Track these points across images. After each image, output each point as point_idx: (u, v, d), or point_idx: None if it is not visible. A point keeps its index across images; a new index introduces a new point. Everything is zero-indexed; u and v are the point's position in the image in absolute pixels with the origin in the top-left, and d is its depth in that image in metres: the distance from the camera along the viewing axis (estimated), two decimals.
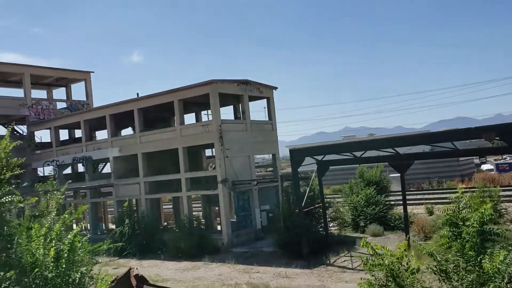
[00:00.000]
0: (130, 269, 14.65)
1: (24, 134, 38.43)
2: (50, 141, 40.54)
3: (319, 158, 23.65)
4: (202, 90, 27.16)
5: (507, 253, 8.30)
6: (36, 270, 8.45)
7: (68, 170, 38.11)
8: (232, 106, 33.01)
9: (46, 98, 40.99)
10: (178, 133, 28.50)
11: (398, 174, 43.34)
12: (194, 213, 30.38)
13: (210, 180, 29.70)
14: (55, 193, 10.93)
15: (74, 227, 10.27)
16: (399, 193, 37.49)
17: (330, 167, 24.74)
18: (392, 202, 30.11)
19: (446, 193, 39.56)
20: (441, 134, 18.71)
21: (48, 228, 9.15)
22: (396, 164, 21.88)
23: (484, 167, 62.13)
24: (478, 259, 8.62)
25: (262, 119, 31.11)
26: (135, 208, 32.83)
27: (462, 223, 9.48)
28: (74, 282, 8.65)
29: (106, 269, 20.03)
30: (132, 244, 26.83)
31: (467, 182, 47.20)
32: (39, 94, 41.69)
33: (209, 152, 36.63)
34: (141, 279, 14.46)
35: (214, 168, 35.98)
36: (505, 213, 26.86)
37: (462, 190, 10.28)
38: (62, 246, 8.93)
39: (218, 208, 34.42)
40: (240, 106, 32.86)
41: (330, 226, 26.33)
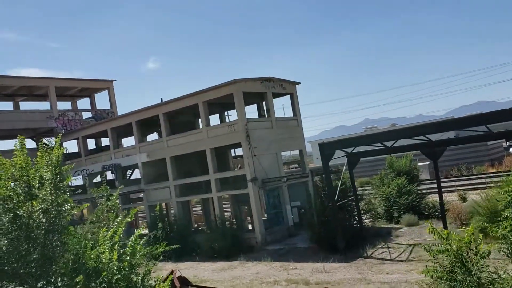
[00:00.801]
0: (172, 271, 14.74)
1: (52, 145, 39.09)
2: (77, 151, 41.21)
3: (349, 150, 23.48)
4: (226, 90, 27.19)
5: None
6: (104, 273, 8.56)
7: (97, 179, 38.61)
8: (255, 105, 33.03)
9: (71, 109, 41.60)
10: (205, 134, 28.60)
11: (425, 163, 42.92)
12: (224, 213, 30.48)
13: (238, 179, 29.74)
14: (111, 198, 11.05)
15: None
16: (429, 181, 37.16)
17: None
18: (423, 191, 29.69)
19: (477, 178, 38.86)
20: (475, 118, 18.33)
21: (113, 232, 9.29)
22: (428, 151, 21.53)
23: None
24: None
25: (286, 116, 31.00)
26: (165, 212, 33.06)
27: None
28: (137, 285, 8.73)
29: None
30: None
31: (498, 166, 46.25)
32: (64, 105, 42.36)
33: (238, 151, 36.73)
34: (184, 281, 14.56)
35: (241, 167, 36.09)
36: None
37: None
38: (126, 249, 9.06)
39: (247, 207, 34.53)
40: (263, 104, 32.87)
41: (363, 218, 26.09)
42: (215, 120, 35.99)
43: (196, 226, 37.79)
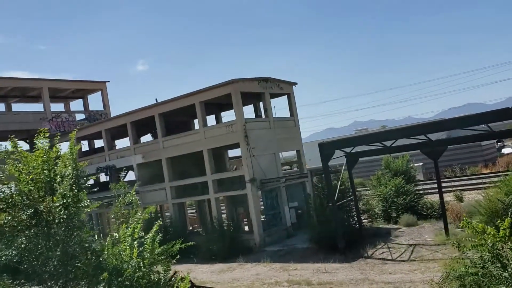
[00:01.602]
0: (175, 272, 14.47)
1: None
2: None
3: (348, 150, 23.39)
4: (224, 90, 27.00)
5: None
6: (128, 270, 8.34)
7: (90, 181, 38.07)
8: (252, 106, 32.85)
9: (64, 110, 41.12)
10: (202, 135, 28.36)
11: (419, 164, 42.97)
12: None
13: (235, 181, 29.52)
14: (128, 194, 10.81)
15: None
16: (424, 182, 37.23)
17: None
18: (420, 192, 29.70)
19: (472, 179, 39.00)
20: (476, 117, 18.31)
21: (133, 228, 9.08)
22: (428, 151, 21.50)
23: (504, 151, 61.22)
24: None
25: (283, 116, 30.87)
26: (159, 214, 32.70)
27: None
28: (159, 282, 8.52)
29: None
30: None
31: (491, 167, 46.53)
32: (57, 107, 41.85)
33: (231, 153, 36.52)
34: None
35: (236, 169, 35.87)
36: None
37: None
38: (145, 246, 8.85)
39: (243, 208, 34.29)
40: (259, 104, 32.72)
41: (362, 218, 26.02)
42: (211, 121, 35.77)
43: (190, 228, 37.45)
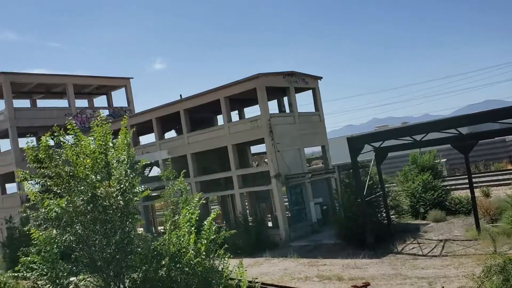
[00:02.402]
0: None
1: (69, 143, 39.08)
2: None
3: (376, 145, 23.10)
4: (249, 85, 26.89)
5: None
6: (188, 255, 8.33)
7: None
8: (275, 101, 32.72)
9: (88, 106, 41.46)
10: (227, 130, 28.31)
11: (443, 160, 42.33)
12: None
13: (258, 176, 29.43)
14: (176, 182, 10.82)
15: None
16: (448, 178, 36.68)
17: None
18: (447, 187, 29.25)
19: (497, 175, 38.32)
20: (509, 110, 17.89)
21: (191, 214, 9.08)
22: (459, 145, 21.09)
23: None
24: None
25: (308, 111, 30.63)
26: None
27: None
28: (215, 271, 8.50)
29: None
30: None
31: None
32: (80, 103, 42.21)
33: (253, 149, 36.43)
34: None
35: (258, 165, 35.77)
36: None
37: None
38: (202, 233, 8.84)
39: (267, 204, 34.18)
40: (283, 99, 32.58)
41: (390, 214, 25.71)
42: (234, 117, 35.72)
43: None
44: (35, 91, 39.54)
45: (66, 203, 8.47)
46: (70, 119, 10.30)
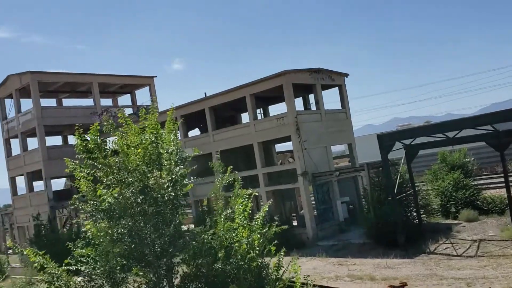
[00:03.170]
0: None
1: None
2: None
3: (407, 142, 22.57)
4: (275, 82, 26.58)
5: None
6: (243, 247, 8.13)
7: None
8: (300, 98, 32.33)
9: (112, 105, 41.67)
10: (252, 128, 28.06)
11: (472, 158, 41.30)
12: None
13: (283, 174, 29.08)
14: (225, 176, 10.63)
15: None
16: (477, 177, 35.74)
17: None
18: (478, 186, 28.47)
19: None
20: None
21: (245, 205, 8.91)
22: (494, 142, 20.43)
23: None
24: None
25: (335, 108, 30.19)
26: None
27: None
28: (270, 267, 8.28)
29: None
30: None
31: None
32: (105, 102, 42.44)
33: (278, 147, 36.16)
34: None
35: (282, 163, 35.42)
36: None
37: None
38: (255, 227, 8.64)
39: (291, 202, 33.83)
40: (308, 97, 32.20)
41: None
42: (258, 115, 35.47)
43: None
44: (61, 90, 39.90)
45: (117, 195, 8.27)
46: (103, 116, 10.12)
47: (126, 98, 44.59)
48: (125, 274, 8.03)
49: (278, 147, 37.20)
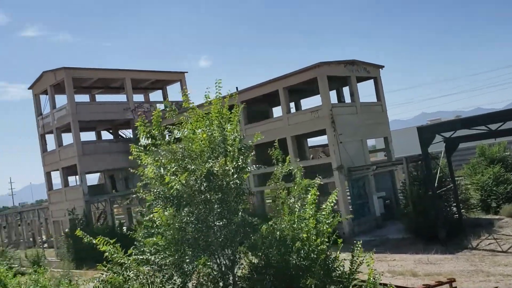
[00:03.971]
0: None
1: (127, 137, 39.75)
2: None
3: (447, 135, 21.93)
4: (309, 75, 26.20)
5: None
6: (317, 239, 7.97)
7: None
8: (334, 91, 31.86)
9: (144, 101, 41.99)
10: (286, 122, 27.77)
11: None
12: None
13: (316, 169, 28.66)
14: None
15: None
16: None
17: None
18: None
19: None
20: None
21: (313, 195, 8.77)
22: None
23: None
24: None
25: (370, 101, 29.63)
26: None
27: None
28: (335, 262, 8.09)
29: None
30: None
31: None
32: (136, 98, 42.77)
33: (309, 142, 35.78)
34: None
35: (313, 158, 35.00)
36: None
37: None
38: (322, 217, 8.46)
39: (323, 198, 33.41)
40: (342, 89, 31.71)
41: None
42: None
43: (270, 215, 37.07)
44: (94, 86, 40.39)
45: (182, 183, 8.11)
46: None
47: (157, 94, 44.90)
48: (194, 264, 7.86)
49: (309, 142, 36.82)
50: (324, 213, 8.89)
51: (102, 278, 8.33)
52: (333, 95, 32.07)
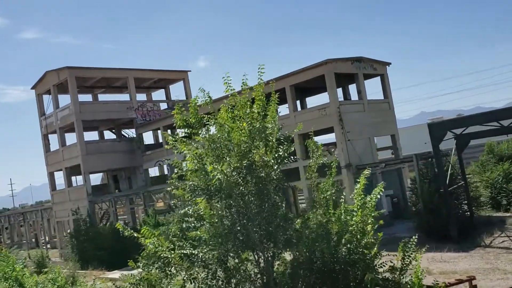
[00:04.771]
0: None
1: (130, 137, 39.44)
2: (153, 142, 41.29)
3: (457, 132, 21.65)
4: (316, 72, 25.93)
5: None
6: (369, 234, 7.72)
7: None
8: (340, 89, 31.61)
9: (147, 100, 41.71)
10: (292, 120, 27.46)
11: None
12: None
13: (322, 167, 28.41)
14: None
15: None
16: None
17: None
18: None
19: None
20: None
21: (362, 183, 8.56)
22: None
23: None
24: None
25: (377, 98, 29.38)
26: None
27: None
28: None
29: None
30: None
31: None
32: (139, 98, 42.50)
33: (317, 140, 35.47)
34: None
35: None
36: None
37: None
38: (367, 208, 8.22)
39: None
40: (348, 87, 31.46)
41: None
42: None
43: None
44: (97, 86, 40.12)
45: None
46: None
47: (160, 94, 44.62)
48: (237, 260, 7.55)
49: (317, 140, 36.48)
50: (368, 206, 8.62)
51: (135, 276, 8.01)
52: (339, 93, 31.85)
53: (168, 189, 9.22)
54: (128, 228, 8.97)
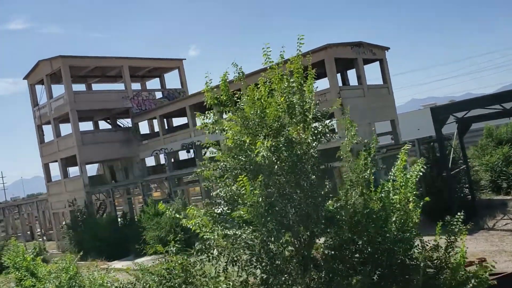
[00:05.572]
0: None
1: (125, 126, 38.97)
2: (149, 132, 40.90)
3: (459, 116, 21.59)
4: (317, 57, 25.45)
5: None
6: (415, 218, 7.52)
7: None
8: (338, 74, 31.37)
9: (141, 89, 41.19)
10: None
11: None
12: None
13: (322, 154, 28.30)
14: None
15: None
16: None
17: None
18: None
19: None
20: None
21: (403, 160, 8.36)
22: None
23: None
24: None
25: (377, 83, 29.18)
26: None
27: None
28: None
29: None
30: None
31: None
32: (134, 87, 42.00)
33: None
34: None
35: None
36: None
37: None
38: (407, 185, 8.00)
39: (329, 181, 33.03)
40: (346, 72, 31.25)
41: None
42: None
43: None
44: (91, 75, 39.51)
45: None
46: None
47: (154, 83, 44.11)
48: (279, 243, 7.31)
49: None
50: (410, 184, 8.39)
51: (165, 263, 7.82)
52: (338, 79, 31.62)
53: (198, 170, 8.94)
54: (169, 207, 8.78)
